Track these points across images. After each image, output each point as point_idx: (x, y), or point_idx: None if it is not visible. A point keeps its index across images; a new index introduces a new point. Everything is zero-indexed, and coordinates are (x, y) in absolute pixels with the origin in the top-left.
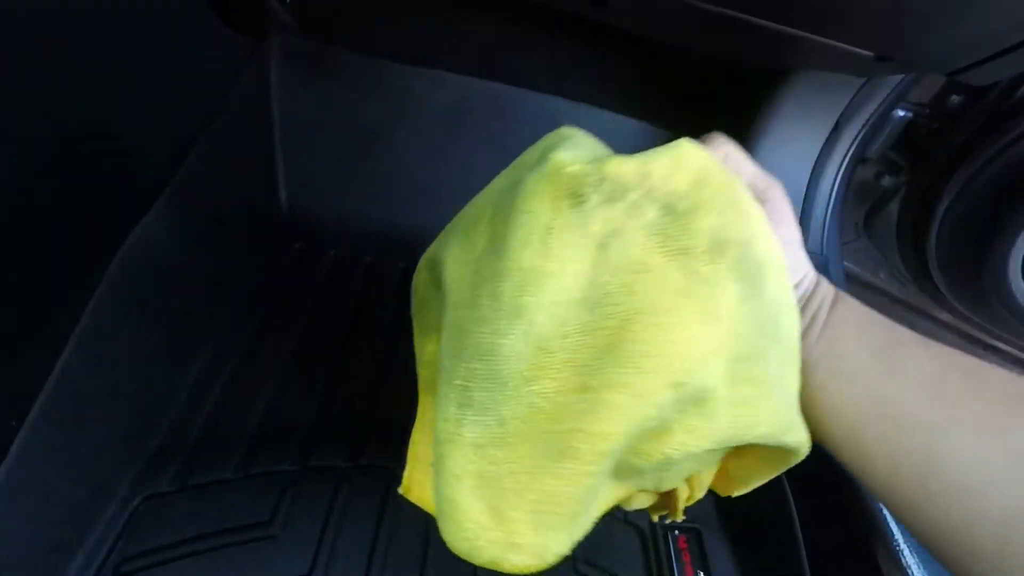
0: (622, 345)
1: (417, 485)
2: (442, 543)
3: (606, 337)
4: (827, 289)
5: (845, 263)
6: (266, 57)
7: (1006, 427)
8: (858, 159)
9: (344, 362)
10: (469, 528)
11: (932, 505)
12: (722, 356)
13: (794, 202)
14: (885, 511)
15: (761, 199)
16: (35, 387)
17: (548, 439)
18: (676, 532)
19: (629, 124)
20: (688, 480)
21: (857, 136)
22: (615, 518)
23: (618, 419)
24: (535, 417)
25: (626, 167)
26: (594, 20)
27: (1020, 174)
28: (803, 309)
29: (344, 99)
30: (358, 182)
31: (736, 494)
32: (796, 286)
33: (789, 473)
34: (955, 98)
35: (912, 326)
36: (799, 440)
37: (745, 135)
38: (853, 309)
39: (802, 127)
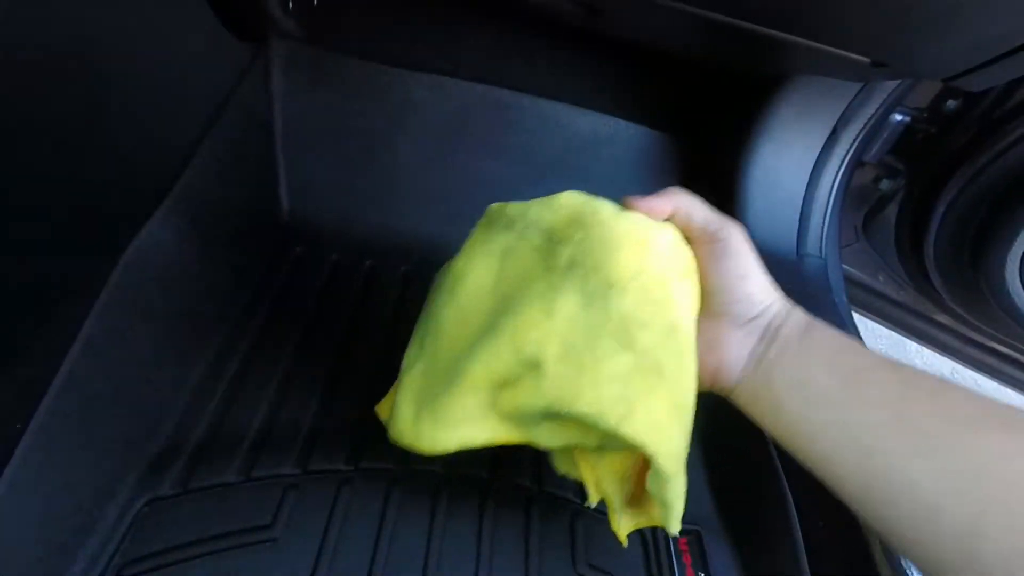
0: (498, 321)
1: (386, 404)
2: (444, 546)
3: (498, 316)
4: (798, 319)
5: (844, 266)
6: (268, 63)
7: (968, 446)
8: (856, 163)
9: (344, 365)
10: (402, 424)
11: (900, 523)
12: (554, 341)
13: (793, 206)
14: None
15: (713, 239)
16: (41, 390)
17: (451, 374)
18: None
19: (629, 128)
20: (590, 464)
21: (855, 140)
22: None
23: (481, 365)
24: (451, 359)
25: (512, 209)
26: (592, 28)
27: (1016, 178)
28: (772, 339)
29: (345, 104)
30: (359, 187)
31: (671, 525)
32: (757, 316)
33: (789, 476)
34: (951, 103)
35: (911, 329)
36: (634, 434)
37: (744, 139)
38: (826, 337)
39: (800, 131)
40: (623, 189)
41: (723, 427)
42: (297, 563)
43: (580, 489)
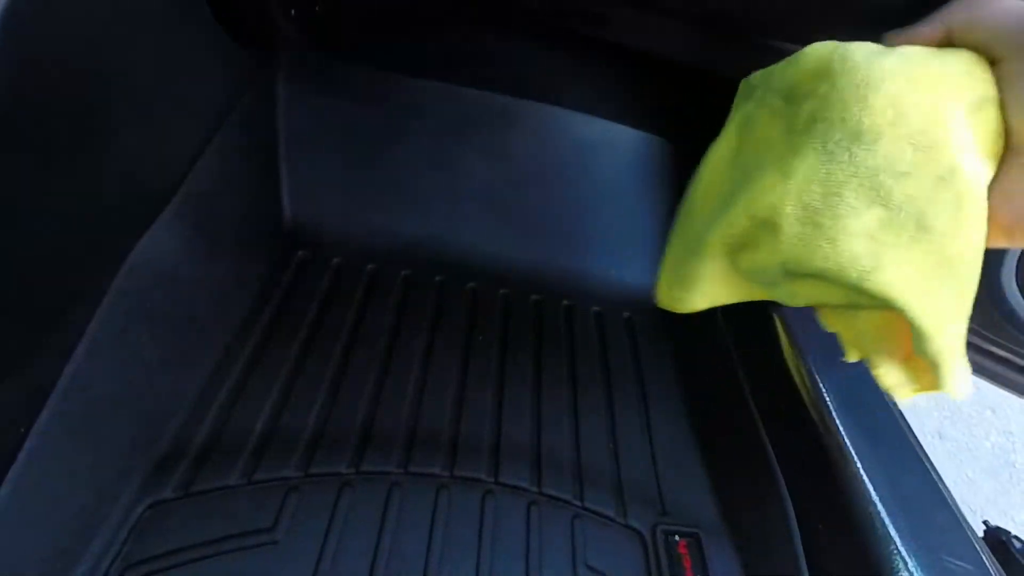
0: (736, 191)
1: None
2: (445, 548)
3: (736, 187)
4: None
5: None
6: (273, 70)
7: None
8: None
9: (346, 369)
10: (661, 292)
11: None
12: (790, 202)
13: None
14: (885, 516)
15: (1013, 46)
16: (45, 393)
17: (695, 241)
18: (676, 537)
19: (629, 134)
20: (845, 322)
21: None
22: (616, 523)
23: (717, 234)
24: (696, 232)
25: (755, 76)
26: (595, 36)
27: None
28: None
29: (347, 110)
30: (361, 192)
31: (948, 389)
32: None
33: (788, 479)
34: None
35: None
36: (878, 287)
37: None
38: None
39: None
40: (624, 193)
41: (723, 431)
42: (299, 565)
43: (579, 491)
